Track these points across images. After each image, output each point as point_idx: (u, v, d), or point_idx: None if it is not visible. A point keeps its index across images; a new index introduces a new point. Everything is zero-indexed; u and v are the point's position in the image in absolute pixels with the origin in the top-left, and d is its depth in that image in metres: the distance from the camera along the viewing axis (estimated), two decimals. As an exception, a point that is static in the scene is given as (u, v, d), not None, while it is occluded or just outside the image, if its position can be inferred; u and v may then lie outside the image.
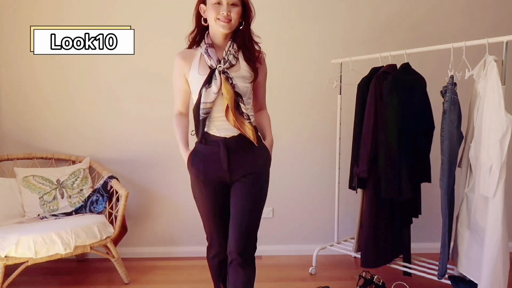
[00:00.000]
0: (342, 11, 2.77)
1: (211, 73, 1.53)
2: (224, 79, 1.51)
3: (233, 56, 1.55)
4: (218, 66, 1.52)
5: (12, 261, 2.04)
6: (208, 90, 1.52)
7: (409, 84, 2.10)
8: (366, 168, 2.13)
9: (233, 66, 1.55)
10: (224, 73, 1.52)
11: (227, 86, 1.50)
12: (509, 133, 1.70)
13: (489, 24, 2.73)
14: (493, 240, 1.77)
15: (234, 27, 1.54)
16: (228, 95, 1.50)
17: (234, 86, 1.52)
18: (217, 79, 1.51)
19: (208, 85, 1.52)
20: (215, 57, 1.54)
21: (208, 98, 1.52)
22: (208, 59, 1.54)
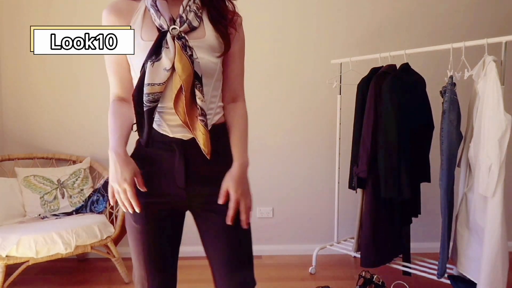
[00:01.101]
0: (342, 11, 2.77)
1: (160, 38, 1.02)
2: (180, 48, 0.99)
3: (195, 14, 1.04)
4: (172, 28, 1.01)
5: (13, 261, 2.04)
6: (156, 64, 1.01)
7: (409, 84, 2.10)
8: (365, 168, 2.13)
9: (194, 29, 1.04)
10: (180, 39, 1.00)
11: (184, 59, 0.99)
12: (508, 132, 1.71)
13: (488, 24, 2.73)
14: (492, 240, 1.77)
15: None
16: (184, 74, 0.99)
17: (193, 60, 1.00)
18: (170, 47, 1.00)
19: (155, 57, 1.01)
20: (167, 14, 1.03)
21: (156, 77, 1.01)
22: (157, 16, 1.04)
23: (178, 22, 1.03)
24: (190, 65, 1.00)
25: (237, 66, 1.15)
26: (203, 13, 1.08)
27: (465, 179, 1.99)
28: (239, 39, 1.14)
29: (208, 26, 1.07)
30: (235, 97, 1.15)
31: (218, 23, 1.08)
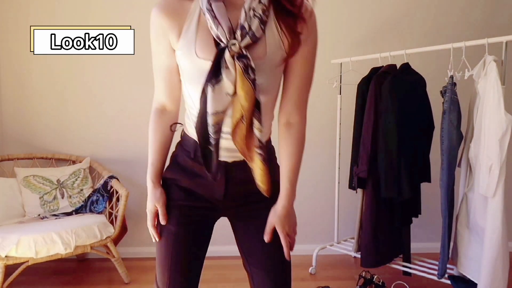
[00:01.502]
0: (342, 11, 2.77)
1: (218, 57, 0.85)
2: (241, 71, 0.84)
3: (259, 20, 0.85)
4: (232, 44, 0.84)
5: (12, 261, 2.04)
6: (218, 88, 0.85)
7: (409, 84, 2.10)
8: (366, 168, 2.13)
9: (257, 40, 0.86)
10: (241, 59, 0.84)
11: (246, 85, 0.84)
12: (509, 132, 1.71)
13: (488, 24, 2.73)
14: (493, 240, 1.77)
15: None
16: (247, 102, 0.85)
17: (256, 86, 0.85)
18: (230, 68, 0.84)
19: (215, 80, 0.85)
20: (225, 23, 0.85)
21: (219, 105, 0.87)
22: (214, 24, 0.85)
23: (239, 35, 0.85)
24: (253, 91, 0.85)
25: (300, 75, 0.94)
26: (270, 12, 0.88)
27: (466, 179, 1.99)
28: (310, 37, 0.93)
29: (272, 27, 0.89)
30: (292, 116, 0.96)
31: (285, 17, 0.89)
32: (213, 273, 2.45)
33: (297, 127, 0.97)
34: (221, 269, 2.53)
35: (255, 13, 0.85)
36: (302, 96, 0.96)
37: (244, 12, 0.85)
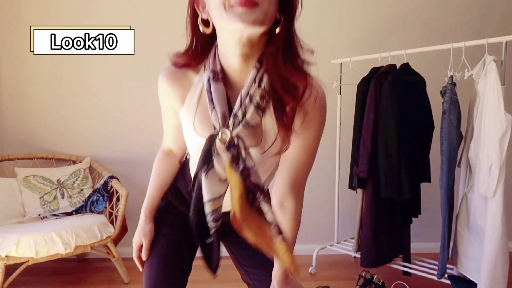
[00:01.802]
0: (342, 11, 2.77)
1: (210, 143, 0.82)
2: (229, 162, 0.80)
3: (256, 107, 0.81)
4: (222, 133, 0.81)
5: (12, 261, 2.04)
6: (211, 175, 0.82)
7: (409, 84, 2.10)
8: (366, 168, 2.13)
9: (252, 128, 0.82)
10: (231, 148, 0.80)
11: (233, 176, 0.80)
12: (509, 133, 1.71)
13: (488, 24, 2.73)
14: (493, 240, 1.77)
15: (266, 20, 0.76)
16: (236, 193, 0.80)
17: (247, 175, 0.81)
18: (222, 155, 0.81)
19: (207, 167, 0.82)
20: (220, 108, 0.81)
21: (215, 191, 0.83)
22: (209, 107, 0.82)
23: (231, 122, 0.80)
24: (241, 183, 0.80)
25: (299, 160, 0.87)
26: (269, 98, 0.82)
27: (465, 179, 1.99)
28: (313, 125, 0.86)
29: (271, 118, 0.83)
30: (287, 200, 0.90)
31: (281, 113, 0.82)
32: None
33: (293, 211, 0.91)
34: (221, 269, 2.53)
35: (252, 99, 0.80)
36: (300, 180, 0.90)
37: (239, 99, 0.81)
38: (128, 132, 2.78)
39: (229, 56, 0.82)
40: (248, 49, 0.79)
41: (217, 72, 0.83)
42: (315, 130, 0.88)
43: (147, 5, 2.72)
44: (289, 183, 0.88)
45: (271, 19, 0.78)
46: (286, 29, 0.81)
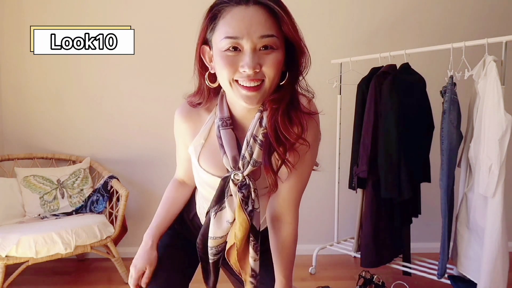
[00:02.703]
0: (342, 11, 2.77)
1: (223, 184, 0.88)
2: (239, 203, 0.86)
3: (260, 145, 0.86)
4: (234, 174, 0.87)
5: (12, 261, 2.04)
6: (219, 215, 0.89)
7: (409, 84, 2.10)
8: (366, 168, 2.13)
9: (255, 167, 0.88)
10: (243, 188, 0.86)
11: (242, 217, 0.87)
12: (509, 133, 1.71)
13: (488, 24, 2.73)
14: (493, 240, 1.77)
15: (270, 92, 0.82)
16: (241, 232, 0.87)
17: (252, 216, 0.87)
18: (234, 197, 0.87)
19: (218, 207, 0.89)
20: (230, 152, 0.87)
21: (219, 231, 0.90)
22: (221, 152, 0.88)
23: (241, 164, 0.86)
24: (248, 224, 0.86)
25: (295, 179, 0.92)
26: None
27: (465, 179, 1.99)
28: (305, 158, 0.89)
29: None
30: (283, 216, 0.95)
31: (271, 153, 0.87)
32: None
33: (290, 227, 0.95)
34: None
35: (255, 139, 0.86)
36: (294, 197, 0.94)
37: (246, 141, 0.86)
38: (128, 132, 2.78)
39: (238, 107, 0.89)
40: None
41: (225, 119, 0.88)
42: (309, 160, 0.92)
43: (147, 5, 2.72)
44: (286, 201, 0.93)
45: (274, 87, 0.83)
46: (290, 83, 0.85)
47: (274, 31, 0.78)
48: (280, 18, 0.79)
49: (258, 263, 0.90)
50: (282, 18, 0.79)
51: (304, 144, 0.85)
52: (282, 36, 0.80)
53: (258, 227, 0.89)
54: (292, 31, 0.80)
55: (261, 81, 0.78)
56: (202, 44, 0.85)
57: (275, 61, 0.78)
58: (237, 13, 0.76)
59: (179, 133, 0.98)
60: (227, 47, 0.77)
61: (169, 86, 2.73)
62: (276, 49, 0.79)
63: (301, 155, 0.87)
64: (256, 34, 0.75)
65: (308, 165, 0.92)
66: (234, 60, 0.77)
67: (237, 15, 0.76)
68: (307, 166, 0.92)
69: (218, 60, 0.79)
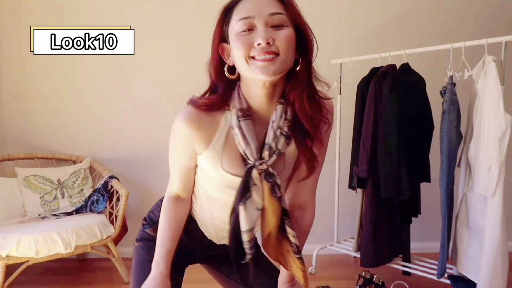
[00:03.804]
0: (342, 11, 2.77)
1: (247, 175, 0.88)
2: (269, 191, 0.88)
3: (285, 136, 0.88)
4: (259, 163, 0.87)
5: (13, 261, 2.04)
6: (249, 204, 0.88)
7: (409, 84, 2.10)
8: (365, 168, 2.13)
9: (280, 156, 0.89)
10: (269, 178, 0.88)
11: (274, 203, 0.88)
12: (508, 132, 1.71)
13: (488, 24, 2.73)
14: (492, 240, 1.77)
15: (286, 66, 0.84)
16: (274, 219, 0.88)
17: (282, 201, 0.89)
18: (258, 185, 0.87)
19: (246, 198, 0.88)
20: (253, 142, 0.87)
21: (251, 220, 0.89)
22: (243, 143, 0.87)
23: (267, 154, 0.87)
24: (280, 208, 0.89)
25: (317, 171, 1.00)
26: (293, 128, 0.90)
27: (465, 179, 1.99)
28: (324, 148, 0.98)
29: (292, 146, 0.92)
30: (307, 204, 1.02)
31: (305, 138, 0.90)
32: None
33: (311, 213, 1.04)
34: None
35: (282, 131, 0.88)
36: (314, 187, 1.03)
37: (272, 132, 0.88)
38: (129, 132, 2.78)
39: (254, 97, 0.89)
40: (271, 90, 0.87)
41: (244, 110, 0.88)
42: (326, 149, 1.00)
43: (147, 5, 2.72)
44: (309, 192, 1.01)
45: (290, 64, 0.85)
46: (305, 69, 0.88)
47: (282, 11, 0.84)
48: (286, 3, 0.86)
49: (297, 239, 0.93)
50: (288, 4, 0.86)
51: (327, 123, 0.92)
52: (290, 20, 0.85)
53: (287, 208, 0.92)
54: (297, 16, 0.86)
55: (276, 54, 0.81)
56: (220, 42, 0.88)
57: (287, 36, 0.82)
58: (248, 1, 0.83)
59: (186, 142, 0.91)
60: (242, 29, 0.82)
61: (169, 86, 2.73)
62: (286, 26, 0.83)
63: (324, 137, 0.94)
64: (267, 12, 0.81)
65: (325, 152, 1.01)
66: (248, 38, 0.81)
67: (248, 2, 0.83)
68: (324, 153, 1.00)
69: (235, 43, 0.83)
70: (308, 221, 1.03)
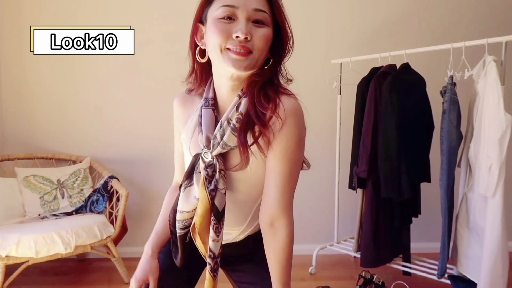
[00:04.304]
0: (342, 11, 2.77)
1: (194, 161, 0.92)
2: (203, 179, 0.88)
3: (233, 127, 0.87)
4: (204, 152, 0.89)
5: (12, 261, 2.04)
6: (187, 190, 0.92)
7: (409, 84, 2.10)
8: (366, 168, 2.13)
9: (230, 149, 0.88)
10: (208, 167, 0.88)
11: (203, 194, 0.88)
12: (509, 132, 1.71)
13: (488, 24, 2.73)
14: (492, 240, 1.77)
15: (257, 65, 0.86)
16: (200, 209, 0.88)
17: (213, 196, 0.87)
18: (201, 174, 0.89)
19: (188, 183, 0.92)
20: (205, 130, 0.89)
21: (185, 205, 0.92)
22: (198, 130, 0.91)
23: (212, 143, 0.88)
24: (208, 201, 0.87)
25: (280, 173, 0.87)
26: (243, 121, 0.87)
27: (465, 179, 1.99)
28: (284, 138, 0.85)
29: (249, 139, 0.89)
30: (276, 220, 0.88)
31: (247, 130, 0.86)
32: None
33: (284, 231, 0.89)
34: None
35: (229, 122, 0.87)
36: (285, 196, 0.88)
37: (219, 124, 0.88)
38: (128, 132, 2.78)
39: (221, 86, 0.91)
40: (237, 82, 0.89)
41: (209, 99, 0.92)
42: (290, 142, 0.87)
43: (147, 5, 2.72)
44: (277, 201, 0.88)
45: (261, 63, 0.87)
46: (272, 68, 0.89)
47: (267, 9, 0.84)
48: (272, 2, 0.86)
49: (218, 245, 0.90)
50: (274, 3, 0.86)
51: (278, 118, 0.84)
52: (272, 19, 0.86)
53: (220, 208, 0.88)
54: (281, 17, 0.87)
55: (250, 51, 0.82)
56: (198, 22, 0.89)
57: (265, 35, 0.83)
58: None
59: (175, 120, 1.01)
60: (223, 15, 0.82)
61: (169, 86, 2.73)
62: (267, 25, 0.84)
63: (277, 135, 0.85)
64: (252, 6, 0.82)
65: (294, 162, 0.88)
66: (228, 27, 0.81)
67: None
68: (293, 163, 0.88)
69: (212, 28, 0.83)
70: (282, 239, 0.89)
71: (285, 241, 0.89)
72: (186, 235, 0.94)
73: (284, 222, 0.89)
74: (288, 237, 0.90)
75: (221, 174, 0.88)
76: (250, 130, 0.86)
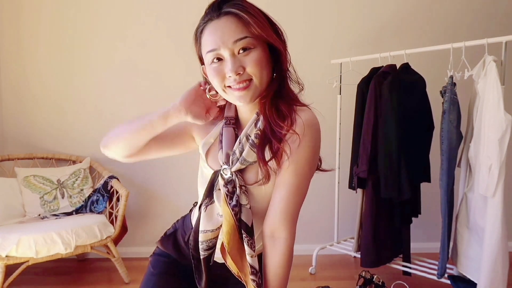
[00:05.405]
0: (342, 11, 2.77)
1: (213, 178, 0.92)
2: (224, 196, 0.88)
3: (252, 143, 0.87)
4: (223, 169, 0.89)
5: (12, 261, 2.04)
6: (210, 209, 0.91)
7: (409, 84, 2.10)
8: (366, 168, 2.13)
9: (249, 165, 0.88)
10: (228, 184, 0.88)
11: (226, 210, 0.87)
12: (508, 132, 1.71)
13: (488, 24, 2.73)
14: (492, 240, 1.77)
15: (263, 88, 0.86)
16: (226, 227, 0.87)
17: (238, 211, 0.86)
18: (221, 191, 0.89)
19: (208, 200, 0.92)
20: (225, 147, 0.91)
21: (209, 224, 0.91)
22: (219, 147, 0.92)
23: (231, 159, 0.88)
24: (232, 218, 0.85)
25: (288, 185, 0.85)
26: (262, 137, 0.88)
27: (465, 179, 1.99)
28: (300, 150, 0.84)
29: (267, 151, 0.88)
30: (278, 231, 0.86)
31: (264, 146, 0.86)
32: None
33: (284, 244, 0.87)
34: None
35: (248, 138, 0.88)
36: (290, 208, 0.87)
37: (238, 140, 0.90)
38: (128, 132, 2.77)
39: (240, 108, 0.94)
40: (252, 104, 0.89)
41: (229, 118, 0.95)
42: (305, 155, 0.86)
43: (147, 5, 2.72)
44: (280, 212, 0.86)
45: (267, 83, 0.87)
46: (278, 79, 0.89)
47: (246, 33, 0.82)
48: (246, 22, 0.82)
49: (256, 259, 0.87)
50: (248, 21, 0.82)
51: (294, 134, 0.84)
52: (257, 35, 0.83)
53: (250, 224, 0.87)
54: (260, 31, 0.82)
55: (249, 80, 0.83)
56: (202, 64, 0.92)
57: (256, 59, 0.82)
58: (211, 27, 0.83)
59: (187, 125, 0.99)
60: (211, 59, 0.84)
61: (170, 86, 2.73)
62: (253, 48, 0.83)
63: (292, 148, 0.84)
64: (230, 41, 0.81)
65: (304, 175, 0.87)
66: (219, 69, 0.84)
67: (211, 28, 0.83)
68: (303, 176, 0.87)
69: (209, 73, 0.86)
70: (280, 253, 0.86)
71: (284, 256, 0.87)
72: (210, 258, 0.93)
73: (284, 235, 0.87)
74: (287, 252, 0.87)
75: (241, 189, 0.87)
76: (268, 145, 0.87)
